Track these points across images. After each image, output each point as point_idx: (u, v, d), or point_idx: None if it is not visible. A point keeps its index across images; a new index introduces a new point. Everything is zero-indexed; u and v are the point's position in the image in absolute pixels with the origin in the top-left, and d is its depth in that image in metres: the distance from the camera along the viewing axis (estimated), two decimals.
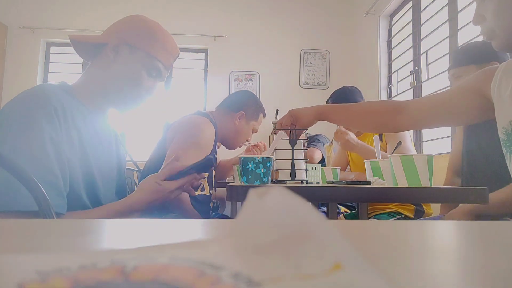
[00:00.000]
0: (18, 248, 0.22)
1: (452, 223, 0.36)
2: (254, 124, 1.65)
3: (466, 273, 0.18)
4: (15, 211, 0.68)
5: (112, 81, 0.90)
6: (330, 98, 1.93)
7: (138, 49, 0.90)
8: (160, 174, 0.85)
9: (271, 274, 0.12)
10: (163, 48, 0.93)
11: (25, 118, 0.73)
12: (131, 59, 0.90)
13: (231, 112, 1.60)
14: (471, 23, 2.18)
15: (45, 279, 0.11)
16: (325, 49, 3.90)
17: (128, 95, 0.92)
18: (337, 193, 0.87)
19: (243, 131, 1.62)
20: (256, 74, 3.81)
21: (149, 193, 0.85)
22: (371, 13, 3.38)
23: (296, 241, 0.14)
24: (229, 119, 1.59)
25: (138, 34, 0.91)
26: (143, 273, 0.12)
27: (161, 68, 0.94)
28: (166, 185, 0.85)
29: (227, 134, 1.60)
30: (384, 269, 0.18)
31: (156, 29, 0.94)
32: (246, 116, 1.60)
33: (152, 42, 0.91)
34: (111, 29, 0.93)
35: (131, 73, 0.90)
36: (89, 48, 0.94)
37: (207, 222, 0.36)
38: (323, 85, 3.87)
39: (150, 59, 0.92)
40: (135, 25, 0.92)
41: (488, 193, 0.84)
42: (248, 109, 1.61)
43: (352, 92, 1.92)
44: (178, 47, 1.00)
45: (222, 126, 1.57)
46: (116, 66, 0.90)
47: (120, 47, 0.90)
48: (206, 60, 3.86)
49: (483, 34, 1.14)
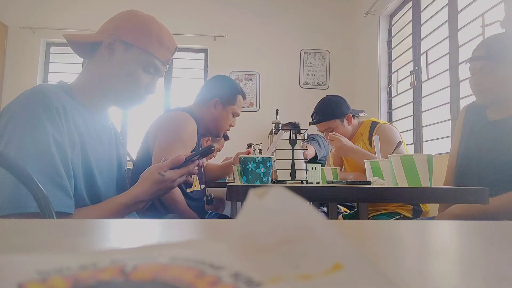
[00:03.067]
0: (18, 248, 0.22)
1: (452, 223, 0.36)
2: (233, 108, 1.60)
3: (466, 273, 0.18)
4: (20, 213, 0.68)
5: (109, 79, 0.89)
6: (316, 112, 1.88)
7: (133, 46, 0.89)
8: (162, 164, 0.85)
9: (271, 274, 0.12)
10: (159, 43, 0.91)
11: (29, 119, 0.73)
12: (126, 57, 0.89)
13: (206, 101, 1.57)
14: (471, 23, 2.18)
15: (45, 279, 0.11)
16: (325, 49, 3.90)
17: (126, 93, 0.91)
18: (337, 193, 0.87)
19: (222, 118, 1.58)
20: (256, 74, 3.81)
21: (152, 184, 0.84)
22: (371, 13, 3.38)
23: (296, 241, 0.14)
24: (206, 109, 1.56)
25: (132, 31, 0.89)
26: (143, 273, 0.12)
27: (158, 64, 0.93)
28: (169, 174, 0.84)
29: (207, 124, 1.58)
30: (384, 269, 0.18)
31: (151, 24, 0.92)
32: (221, 102, 1.57)
33: (147, 38, 0.90)
34: (105, 26, 0.91)
35: (128, 71, 0.89)
36: (85, 47, 0.93)
37: (207, 222, 0.36)
38: (323, 85, 3.87)
39: (146, 56, 0.90)
40: (129, 21, 0.91)
41: (488, 193, 0.84)
42: (222, 95, 1.57)
43: (338, 104, 1.86)
44: (175, 41, 0.99)
45: (202, 118, 1.55)
46: (112, 64, 0.89)
47: (115, 44, 0.88)
48: (206, 60, 3.86)
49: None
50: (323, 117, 1.85)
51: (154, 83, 0.96)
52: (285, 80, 3.84)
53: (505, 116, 1.21)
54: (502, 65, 1.16)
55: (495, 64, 1.16)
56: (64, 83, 0.89)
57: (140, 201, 0.85)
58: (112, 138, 0.97)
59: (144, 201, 0.86)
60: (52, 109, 0.75)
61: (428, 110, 2.62)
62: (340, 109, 1.84)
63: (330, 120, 1.83)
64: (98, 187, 0.86)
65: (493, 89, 1.13)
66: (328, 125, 1.85)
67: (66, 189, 0.74)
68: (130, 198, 0.84)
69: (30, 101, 0.76)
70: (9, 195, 0.69)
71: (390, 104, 3.22)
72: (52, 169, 0.72)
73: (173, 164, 0.85)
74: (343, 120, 1.84)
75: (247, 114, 3.78)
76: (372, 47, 3.39)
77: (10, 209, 0.68)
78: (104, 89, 0.90)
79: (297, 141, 1.15)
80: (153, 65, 0.92)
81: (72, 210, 0.75)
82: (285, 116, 3.20)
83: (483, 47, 1.20)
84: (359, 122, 1.93)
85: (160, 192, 0.86)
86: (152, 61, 0.91)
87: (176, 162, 0.85)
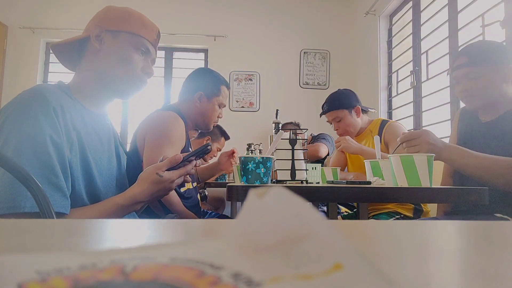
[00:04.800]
0: (18, 248, 0.22)
1: (452, 223, 0.36)
2: (218, 99, 1.59)
3: (466, 273, 0.18)
4: (15, 213, 0.68)
5: (104, 69, 0.90)
6: (325, 103, 1.94)
7: (119, 32, 0.92)
8: (160, 165, 0.85)
9: (271, 274, 0.12)
10: (142, 25, 0.95)
11: (26, 119, 0.73)
12: (116, 43, 0.91)
13: (190, 96, 1.56)
14: (471, 23, 2.18)
15: (45, 279, 0.11)
16: (325, 49, 3.90)
17: (124, 78, 0.92)
18: (337, 193, 0.87)
19: (209, 110, 1.57)
20: (256, 74, 3.81)
21: (150, 184, 0.84)
22: (371, 13, 3.38)
23: (296, 241, 0.14)
24: (191, 103, 1.55)
25: (114, 19, 0.93)
26: (143, 273, 0.12)
27: (146, 44, 0.95)
28: (167, 175, 0.84)
29: (194, 119, 1.57)
30: (384, 269, 0.18)
31: (129, 10, 0.96)
32: (205, 94, 1.55)
33: (130, 21, 0.93)
34: (89, 24, 0.94)
35: (120, 56, 0.91)
36: (73, 50, 0.94)
37: (207, 222, 0.36)
38: (323, 85, 3.87)
39: (134, 37, 0.93)
40: (109, 13, 0.94)
41: (487, 192, 0.84)
42: (205, 87, 1.56)
43: (347, 95, 1.92)
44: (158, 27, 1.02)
45: (188, 113, 1.54)
46: (103, 54, 0.91)
47: (103, 35, 0.91)
48: (206, 60, 3.86)
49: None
50: (332, 107, 1.89)
51: (148, 65, 0.97)
52: (285, 80, 3.84)
53: (495, 117, 1.24)
54: (485, 69, 1.19)
55: (478, 69, 1.19)
56: (62, 83, 0.89)
57: (138, 202, 0.84)
58: (111, 137, 0.97)
59: (142, 202, 0.86)
60: (49, 109, 0.75)
61: (428, 110, 2.62)
62: (349, 100, 1.88)
63: (338, 109, 1.87)
64: (98, 186, 0.85)
65: (480, 94, 1.16)
66: (336, 114, 1.88)
67: (62, 189, 0.74)
68: (128, 198, 0.84)
69: (28, 101, 0.76)
70: (3, 195, 0.69)
71: (390, 104, 3.22)
72: (49, 169, 0.72)
73: (171, 164, 0.85)
74: (351, 111, 1.88)
75: (247, 114, 3.79)
76: (372, 47, 3.39)
77: (5, 209, 0.68)
78: (101, 80, 0.91)
79: (297, 141, 1.15)
80: (142, 45, 0.94)
81: (67, 210, 0.75)
82: (285, 116, 3.20)
83: (464, 55, 1.23)
84: (368, 120, 1.95)
85: (159, 193, 0.86)
86: (140, 41, 0.94)
87: (173, 162, 0.84)
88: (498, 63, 1.19)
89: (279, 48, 3.85)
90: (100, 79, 0.90)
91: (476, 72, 1.19)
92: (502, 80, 1.19)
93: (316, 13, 3.91)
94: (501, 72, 1.19)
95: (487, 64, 1.19)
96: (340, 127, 1.88)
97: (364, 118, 1.94)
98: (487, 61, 1.19)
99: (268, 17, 3.86)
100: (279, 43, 3.84)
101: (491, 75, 1.19)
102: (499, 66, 1.19)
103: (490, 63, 1.19)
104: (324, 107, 1.94)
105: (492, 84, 1.19)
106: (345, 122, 1.86)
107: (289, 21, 3.87)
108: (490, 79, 1.19)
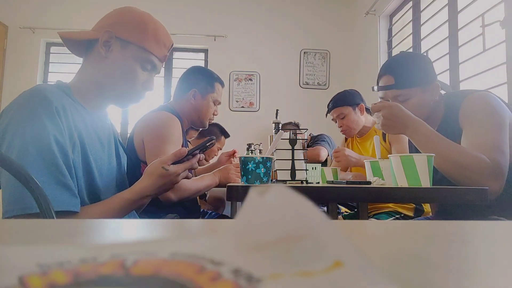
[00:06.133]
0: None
1: (452, 223, 0.36)
2: (213, 96, 1.58)
3: (466, 273, 0.18)
4: (26, 214, 0.68)
5: (106, 78, 0.89)
6: (331, 102, 1.99)
7: (129, 43, 0.88)
8: (165, 158, 0.86)
9: (271, 270, 0.12)
10: (155, 40, 0.91)
11: (29, 120, 0.73)
12: (123, 54, 0.88)
13: (184, 94, 1.56)
14: (471, 23, 2.18)
15: (46, 272, 0.11)
16: (325, 49, 3.90)
17: (124, 90, 0.91)
18: (337, 193, 0.87)
19: (203, 107, 1.56)
20: (256, 74, 3.81)
21: (157, 178, 0.85)
22: (371, 13, 3.38)
23: (296, 238, 0.14)
24: (185, 102, 1.55)
25: (128, 28, 0.88)
26: (144, 267, 0.12)
27: (155, 61, 0.92)
28: (172, 169, 0.85)
29: (190, 117, 1.57)
30: (384, 269, 0.18)
31: (147, 21, 0.91)
32: (199, 91, 1.55)
33: (143, 35, 0.89)
34: (101, 23, 0.90)
35: (125, 69, 0.89)
36: (81, 44, 0.92)
37: (207, 222, 0.36)
38: (323, 85, 3.87)
39: (143, 53, 0.90)
40: (125, 18, 0.90)
41: (487, 193, 0.84)
42: (199, 85, 1.56)
43: (352, 94, 1.97)
44: (171, 38, 0.98)
45: (183, 111, 1.54)
46: (109, 62, 0.88)
47: (111, 42, 0.88)
48: (206, 60, 3.86)
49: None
50: (336, 103, 1.95)
51: (151, 80, 0.96)
52: (285, 80, 3.84)
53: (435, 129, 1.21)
54: (414, 91, 1.19)
55: (407, 92, 1.19)
56: (62, 83, 0.89)
57: (145, 195, 0.86)
58: (111, 138, 0.97)
59: (150, 196, 0.87)
60: (52, 109, 0.75)
61: None
62: (353, 98, 1.94)
63: (343, 106, 1.93)
64: (98, 187, 0.86)
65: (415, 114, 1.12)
66: (340, 111, 1.93)
67: (71, 188, 0.75)
68: (136, 193, 0.85)
69: (30, 101, 0.76)
70: (14, 197, 0.69)
71: None
72: (56, 169, 0.73)
73: (176, 157, 0.86)
74: (355, 108, 1.93)
75: (247, 114, 3.79)
76: (372, 47, 3.39)
77: (16, 211, 0.68)
78: (101, 88, 0.89)
79: (297, 141, 1.15)
80: (150, 62, 0.92)
81: (78, 208, 0.76)
82: (285, 116, 3.20)
83: (390, 74, 1.22)
84: (373, 120, 1.97)
85: (165, 187, 0.87)
86: (149, 58, 0.91)
87: (179, 155, 0.85)
88: (425, 83, 1.19)
89: (279, 48, 3.85)
90: (100, 87, 0.89)
91: (405, 95, 1.19)
92: (431, 96, 1.19)
93: (316, 13, 3.91)
94: (429, 90, 1.19)
95: (415, 85, 1.19)
96: (344, 124, 1.93)
97: (369, 119, 1.97)
98: (414, 83, 1.19)
99: (268, 17, 3.86)
100: (279, 43, 3.85)
101: (420, 96, 1.19)
102: (426, 85, 1.19)
103: (417, 84, 1.19)
104: (329, 105, 2.00)
105: (423, 102, 1.19)
106: (349, 119, 1.91)
107: (289, 21, 3.87)
108: (419, 98, 1.19)
